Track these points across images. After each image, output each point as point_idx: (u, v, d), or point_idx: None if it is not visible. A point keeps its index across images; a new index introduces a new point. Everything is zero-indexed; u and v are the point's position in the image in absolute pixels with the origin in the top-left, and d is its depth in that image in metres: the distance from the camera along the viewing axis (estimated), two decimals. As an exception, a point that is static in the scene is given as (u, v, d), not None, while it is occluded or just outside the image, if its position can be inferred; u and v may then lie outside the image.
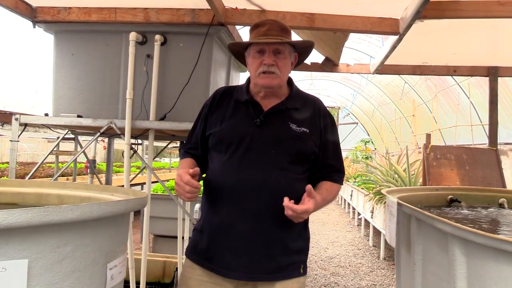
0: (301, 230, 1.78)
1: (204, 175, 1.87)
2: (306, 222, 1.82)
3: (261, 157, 1.70)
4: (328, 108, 1.93)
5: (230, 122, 1.78)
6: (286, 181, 1.69)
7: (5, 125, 4.54)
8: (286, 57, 1.76)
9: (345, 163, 13.65)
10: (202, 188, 1.82)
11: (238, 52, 1.89)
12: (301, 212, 1.56)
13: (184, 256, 1.87)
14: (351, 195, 9.91)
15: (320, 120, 1.81)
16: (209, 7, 2.69)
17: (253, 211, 1.66)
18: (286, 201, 1.54)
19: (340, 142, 1.93)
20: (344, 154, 17.82)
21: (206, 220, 1.78)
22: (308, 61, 4.58)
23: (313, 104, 1.86)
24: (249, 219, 1.66)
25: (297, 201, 1.71)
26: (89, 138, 3.44)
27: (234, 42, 1.88)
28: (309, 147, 1.75)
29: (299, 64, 1.92)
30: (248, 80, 1.87)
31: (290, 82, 1.88)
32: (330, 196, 1.80)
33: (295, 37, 2.04)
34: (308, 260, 1.87)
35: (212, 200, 1.77)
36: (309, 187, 1.59)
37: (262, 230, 1.67)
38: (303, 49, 1.86)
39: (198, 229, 1.83)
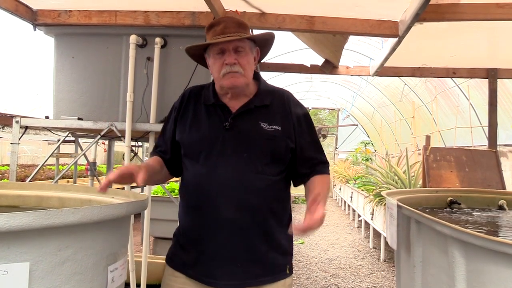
0: (282, 231, 1.71)
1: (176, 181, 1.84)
2: (289, 221, 1.77)
3: (234, 161, 1.63)
4: (328, 110, 1.90)
5: (200, 128, 1.71)
6: (262, 184, 1.64)
7: (5, 127, 4.54)
8: (248, 53, 1.68)
9: (345, 165, 13.69)
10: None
11: (197, 55, 1.80)
12: (318, 221, 1.45)
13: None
14: (351, 197, 9.90)
15: (291, 114, 1.73)
16: (209, 10, 2.70)
17: (230, 218, 1.61)
18: (295, 229, 1.45)
19: (319, 137, 1.85)
20: (344, 156, 17.87)
21: (185, 228, 1.73)
22: (308, 63, 4.59)
23: (282, 97, 1.78)
24: (227, 226, 1.61)
25: (277, 203, 1.70)
26: (90, 140, 3.45)
27: (191, 46, 1.76)
28: (283, 145, 1.68)
29: (262, 59, 1.84)
30: (213, 82, 1.79)
31: (257, 77, 1.81)
32: (326, 190, 1.72)
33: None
34: (308, 262, 1.86)
35: (188, 208, 1.72)
36: (310, 201, 1.55)
37: (242, 236, 1.61)
38: (263, 42, 1.77)
39: (177, 235, 1.79)
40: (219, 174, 1.63)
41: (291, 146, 1.70)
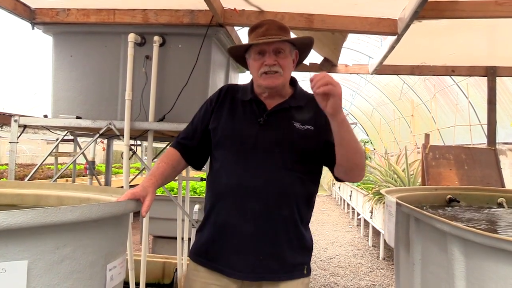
0: (305, 230, 1.76)
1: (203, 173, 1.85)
2: (308, 224, 1.81)
3: (265, 156, 1.68)
4: None
5: (234, 121, 1.76)
6: (290, 180, 1.67)
7: (4, 126, 4.54)
8: (287, 55, 1.74)
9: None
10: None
11: (238, 56, 1.86)
12: (322, 77, 1.42)
13: (184, 257, 1.86)
14: (351, 196, 9.91)
15: (323, 117, 1.63)
16: (207, 8, 2.69)
17: (257, 211, 1.65)
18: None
19: None
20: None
21: (210, 220, 1.76)
22: (307, 61, 4.58)
23: (316, 102, 1.81)
24: (253, 219, 1.65)
25: (303, 201, 1.71)
26: (88, 139, 3.45)
27: (233, 46, 1.85)
28: (314, 145, 1.71)
29: (300, 63, 1.89)
30: (252, 81, 1.85)
31: (294, 82, 1.86)
32: (356, 142, 1.60)
33: (293, 36, 2.01)
34: (308, 261, 1.86)
35: (215, 200, 1.75)
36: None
37: (266, 230, 1.65)
38: (303, 46, 1.82)
39: (201, 229, 1.81)
40: (249, 167, 1.67)
41: (321, 147, 1.71)
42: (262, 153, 1.68)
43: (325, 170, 1.84)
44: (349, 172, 1.66)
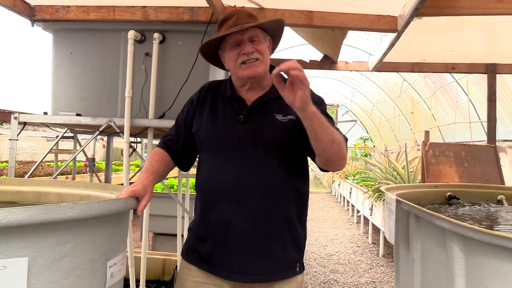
0: (297, 228, 1.72)
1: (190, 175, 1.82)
2: (304, 220, 1.78)
3: (249, 154, 1.64)
4: (327, 106, 1.84)
5: (216, 122, 1.72)
6: (277, 177, 1.64)
7: (4, 123, 4.53)
8: (262, 41, 1.68)
9: (344, 161, 13.67)
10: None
11: (211, 54, 1.80)
12: (285, 68, 1.34)
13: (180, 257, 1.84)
14: (350, 193, 9.92)
15: None
16: (207, 5, 2.69)
17: (246, 211, 1.62)
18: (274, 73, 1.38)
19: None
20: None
21: (200, 221, 1.74)
22: (307, 58, 4.58)
23: None
24: (242, 219, 1.62)
25: (294, 197, 1.68)
26: (88, 136, 3.44)
27: (205, 43, 1.75)
28: (297, 135, 1.62)
29: (274, 49, 1.83)
30: (231, 77, 1.80)
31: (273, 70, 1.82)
32: (331, 134, 1.49)
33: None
34: (307, 258, 1.85)
35: (204, 201, 1.73)
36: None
37: (256, 230, 1.62)
38: (274, 31, 1.77)
39: (192, 229, 1.80)
40: (235, 168, 1.64)
41: (304, 134, 1.56)
42: (247, 152, 1.65)
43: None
44: (329, 162, 1.58)
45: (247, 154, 1.65)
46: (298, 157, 1.70)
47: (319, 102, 1.67)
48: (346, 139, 1.64)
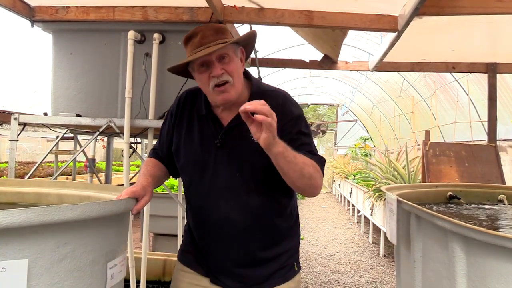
0: (288, 236, 1.71)
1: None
2: (296, 219, 1.78)
3: (227, 182, 1.59)
4: (327, 106, 1.82)
5: (193, 144, 1.67)
6: (257, 202, 1.60)
7: (4, 124, 4.54)
8: (233, 58, 1.58)
9: (345, 161, 13.70)
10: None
11: (182, 71, 1.71)
12: (252, 110, 1.31)
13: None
14: (351, 193, 9.91)
15: (279, 122, 1.40)
16: (207, 5, 2.69)
17: (230, 235, 1.61)
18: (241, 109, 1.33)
19: (318, 133, 1.70)
20: (343, 152, 17.86)
21: (192, 224, 1.75)
22: (307, 58, 4.58)
23: (277, 100, 1.62)
24: (228, 242, 1.61)
25: (277, 216, 1.65)
26: (88, 137, 3.44)
27: (172, 67, 1.69)
28: None
29: (248, 57, 1.75)
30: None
31: (248, 76, 1.71)
32: (299, 169, 1.46)
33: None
34: (308, 258, 1.85)
35: (191, 213, 1.74)
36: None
37: (245, 253, 1.61)
38: (245, 41, 1.67)
39: (187, 231, 1.80)
40: (213, 195, 1.61)
41: None
42: (225, 178, 1.60)
43: (326, 168, 1.81)
44: (300, 192, 1.57)
45: (225, 182, 1.60)
46: (278, 178, 1.53)
47: (295, 119, 1.63)
48: (323, 162, 1.60)
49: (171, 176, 1.87)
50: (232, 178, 1.59)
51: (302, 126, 1.65)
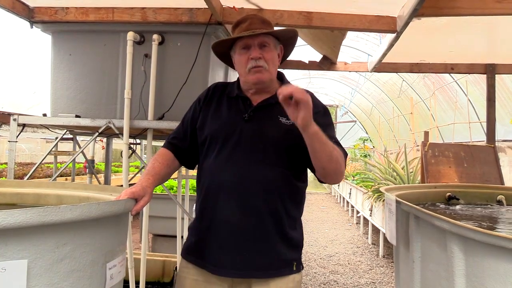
0: (293, 226, 1.74)
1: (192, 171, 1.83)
2: (299, 220, 1.80)
3: (249, 152, 1.67)
4: (326, 107, 1.86)
5: (219, 118, 1.76)
6: (274, 176, 1.66)
7: (3, 125, 4.53)
8: (272, 49, 1.74)
9: (344, 161, 13.68)
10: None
11: (223, 53, 1.86)
12: (291, 92, 1.40)
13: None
14: (350, 193, 9.92)
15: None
16: (206, 6, 2.69)
17: (241, 207, 1.64)
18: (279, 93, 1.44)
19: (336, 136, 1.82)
20: (342, 152, 17.82)
21: (198, 218, 1.77)
22: (306, 59, 4.58)
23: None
24: (237, 215, 1.64)
25: (289, 196, 1.70)
26: (88, 138, 3.44)
27: (217, 42, 1.82)
28: (299, 140, 1.59)
29: (286, 58, 1.89)
30: (239, 79, 1.85)
31: (281, 77, 1.86)
32: (330, 152, 1.56)
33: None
34: (307, 259, 1.86)
35: (203, 198, 1.75)
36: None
37: (250, 226, 1.64)
38: (287, 40, 1.83)
39: (191, 228, 1.82)
40: (233, 164, 1.67)
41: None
42: (246, 149, 1.68)
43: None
44: (326, 176, 1.65)
45: (246, 151, 1.67)
46: (297, 161, 1.71)
47: (322, 112, 1.75)
48: (346, 154, 1.70)
49: (177, 171, 1.89)
50: (255, 150, 1.67)
51: (329, 119, 1.78)
